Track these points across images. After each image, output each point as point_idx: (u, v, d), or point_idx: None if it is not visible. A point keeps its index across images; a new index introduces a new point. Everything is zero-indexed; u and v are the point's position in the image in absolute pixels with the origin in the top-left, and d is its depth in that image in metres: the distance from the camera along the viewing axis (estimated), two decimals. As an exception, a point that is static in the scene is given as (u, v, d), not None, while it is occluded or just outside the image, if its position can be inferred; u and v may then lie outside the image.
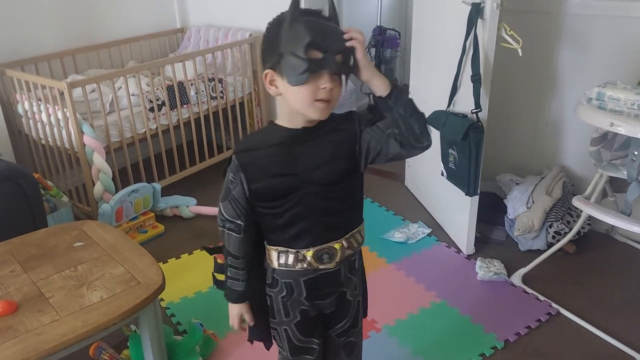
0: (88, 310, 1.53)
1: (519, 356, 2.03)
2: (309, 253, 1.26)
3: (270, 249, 1.31)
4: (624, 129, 1.91)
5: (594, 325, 2.14)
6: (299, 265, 1.28)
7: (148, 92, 3.03)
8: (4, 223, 2.13)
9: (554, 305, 2.26)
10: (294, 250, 1.27)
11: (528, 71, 2.88)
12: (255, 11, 3.53)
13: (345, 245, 1.29)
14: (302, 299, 1.32)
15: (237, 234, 1.28)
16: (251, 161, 1.22)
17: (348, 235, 1.30)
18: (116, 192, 2.81)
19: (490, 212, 2.77)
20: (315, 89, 1.13)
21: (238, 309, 1.38)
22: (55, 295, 1.60)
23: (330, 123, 1.22)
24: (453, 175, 2.48)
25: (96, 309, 1.53)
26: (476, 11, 2.21)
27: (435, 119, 2.45)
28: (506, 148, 3.08)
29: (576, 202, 2.23)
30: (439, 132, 2.44)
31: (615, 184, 2.40)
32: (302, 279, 1.30)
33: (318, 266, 1.28)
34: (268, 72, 1.18)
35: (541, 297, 2.31)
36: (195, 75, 3.24)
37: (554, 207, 2.59)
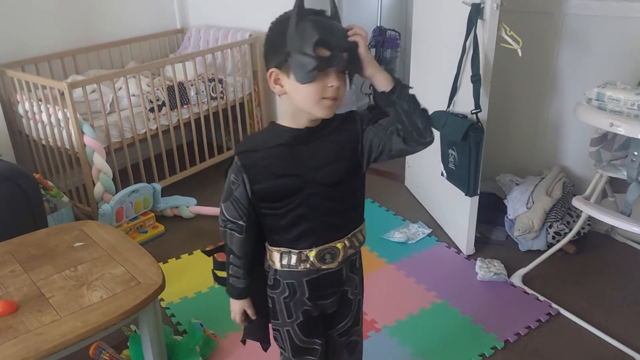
0: (88, 310, 1.53)
1: (519, 356, 2.03)
2: (311, 253, 1.26)
3: (272, 250, 1.30)
4: (623, 129, 1.91)
5: (594, 326, 2.14)
6: (301, 265, 1.28)
7: (148, 93, 3.04)
8: (4, 223, 2.13)
9: (554, 305, 2.26)
10: (296, 250, 1.27)
11: (528, 71, 2.88)
12: (255, 12, 3.53)
13: (347, 244, 1.29)
14: (305, 299, 1.32)
15: (239, 234, 1.28)
16: (254, 162, 1.21)
17: (350, 235, 1.30)
18: (116, 193, 2.81)
19: (490, 213, 2.77)
20: (323, 87, 1.13)
21: (239, 305, 1.38)
22: (55, 295, 1.60)
23: (332, 123, 1.22)
24: (453, 175, 2.48)
25: (96, 309, 1.53)
26: (476, 11, 2.22)
27: (435, 120, 2.45)
28: (506, 148, 3.08)
29: (576, 203, 2.23)
30: (439, 133, 2.44)
31: (615, 185, 2.40)
32: (305, 279, 1.30)
33: (321, 266, 1.28)
34: (273, 71, 1.17)
35: (541, 298, 2.31)
36: (196, 75, 3.24)
37: (554, 208, 2.59)
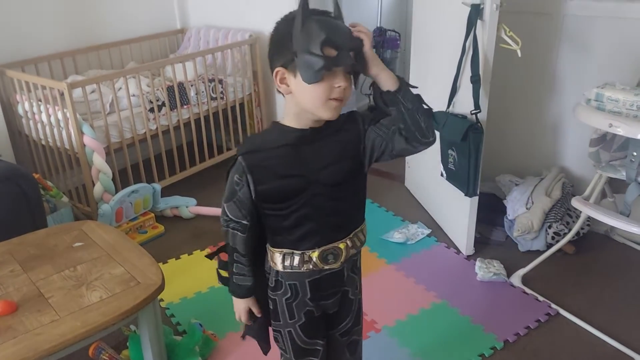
0: (87, 310, 1.53)
1: (519, 356, 2.03)
2: (314, 254, 1.26)
3: (274, 251, 1.29)
4: (622, 129, 1.91)
5: (593, 326, 2.14)
6: (304, 266, 1.27)
7: (148, 93, 3.04)
8: (4, 223, 2.14)
9: (553, 305, 2.26)
10: (299, 251, 1.26)
11: (527, 72, 2.88)
12: (255, 12, 3.53)
13: (349, 245, 1.29)
14: (307, 299, 1.32)
15: (242, 233, 1.27)
16: (258, 162, 1.20)
17: (352, 235, 1.30)
18: (116, 193, 2.81)
19: (489, 213, 2.77)
20: (329, 87, 1.12)
21: (245, 304, 1.37)
22: (54, 295, 1.60)
23: (334, 123, 1.22)
24: (453, 176, 2.48)
25: (95, 309, 1.54)
26: (476, 12, 2.22)
27: (435, 120, 2.45)
28: (505, 149, 3.08)
29: (575, 203, 2.24)
30: (438, 133, 2.44)
31: (615, 185, 2.41)
32: (307, 280, 1.30)
33: (323, 267, 1.28)
34: (279, 70, 1.16)
35: (540, 298, 2.31)
36: (196, 76, 3.24)
37: (554, 208, 2.59)
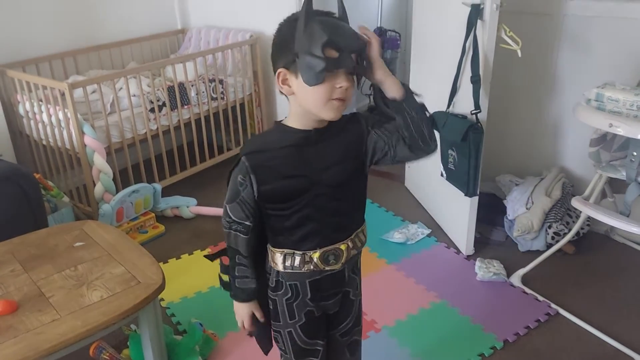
0: (88, 309, 1.54)
1: (518, 356, 2.03)
2: (315, 255, 1.26)
3: (275, 251, 1.29)
4: (622, 129, 1.91)
5: (593, 326, 2.14)
6: (305, 267, 1.27)
7: (149, 93, 3.04)
8: (5, 223, 2.14)
9: (553, 305, 2.26)
10: (300, 252, 1.26)
11: (528, 72, 2.88)
12: (256, 13, 3.54)
13: (350, 246, 1.29)
14: (307, 300, 1.32)
15: (245, 235, 1.27)
16: (262, 163, 1.20)
17: (353, 236, 1.30)
18: (117, 193, 2.82)
19: (489, 213, 2.77)
20: (331, 88, 1.12)
21: (248, 309, 1.36)
22: (55, 294, 1.60)
23: (337, 124, 1.22)
24: (453, 176, 2.48)
25: (96, 309, 1.54)
26: (476, 12, 2.22)
27: (435, 120, 2.45)
28: (506, 149, 3.09)
29: (575, 203, 2.24)
30: (438, 133, 2.44)
31: (615, 185, 2.41)
32: (307, 280, 1.30)
33: (324, 267, 1.27)
34: (281, 71, 1.16)
35: (540, 298, 2.31)
36: (196, 76, 3.25)
37: (554, 208, 2.59)
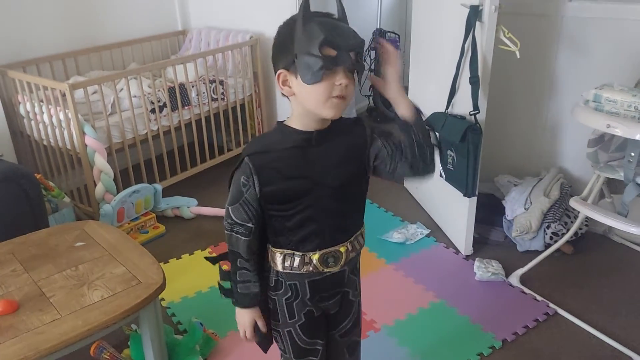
0: (89, 309, 1.55)
1: (517, 356, 2.04)
2: (315, 256, 1.26)
3: (274, 251, 1.30)
4: (620, 130, 1.92)
5: (591, 326, 2.15)
6: (304, 268, 1.28)
7: (149, 94, 3.05)
8: (6, 223, 2.15)
9: (552, 305, 2.27)
10: (300, 253, 1.27)
11: (526, 73, 2.89)
12: (256, 14, 3.55)
13: (349, 248, 1.30)
14: (306, 300, 1.33)
15: (247, 237, 1.26)
16: (265, 163, 1.20)
17: (352, 239, 1.31)
18: (117, 193, 2.83)
19: (488, 213, 2.78)
20: (330, 86, 1.12)
21: (250, 316, 1.34)
22: (56, 294, 1.61)
23: (340, 125, 1.24)
24: (451, 176, 2.49)
25: (97, 308, 1.55)
26: (474, 14, 2.23)
27: (434, 121, 2.47)
28: (504, 149, 3.09)
29: (573, 203, 2.25)
30: (437, 134, 2.45)
31: (613, 185, 2.42)
32: (307, 280, 1.30)
33: (323, 269, 1.28)
34: (281, 73, 1.17)
35: (539, 298, 2.32)
36: (197, 77, 3.26)
37: (552, 208, 2.60)
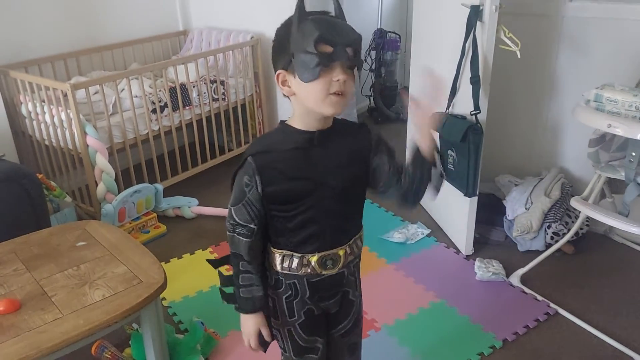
0: (90, 308, 1.55)
1: (518, 355, 2.04)
2: (313, 258, 1.27)
3: (274, 251, 1.30)
4: (621, 130, 1.92)
5: (592, 326, 2.15)
6: (302, 270, 1.28)
7: (150, 94, 3.06)
8: (8, 223, 2.16)
9: (552, 305, 2.27)
10: (299, 254, 1.27)
11: (527, 73, 2.89)
12: (257, 14, 3.55)
13: (348, 251, 1.30)
14: (306, 298, 1.33)
15: (249, 238, 1.25)
16: (268, 164, 1.19)
17: (351, 242, 1.31)
18: (119, 193, 2.83)
19: (489, 213, 2.78)
20: (328, 82, 1.12)
21: (254, 323, 1.32)
22: (57, 293, 1.62)
23: (343, 128, 1.24)
24: (452, 176, 2.49)
25: (98, 308, 1.55)
26: (475, 14, 2.23)
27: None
28: (505, 149, 3.09)
29: (574, 203, 2.25)
30: (438, 134, 2.45)
31: (613, 185, 2.41)
32: (306, 280, 1.30)
33: (321, 271, 1.29)
34: (280, 73, 1.18)
35: (539, 297, 2.32)
36: (198, 77, 3.26)
37: (553, 208, 2.60)
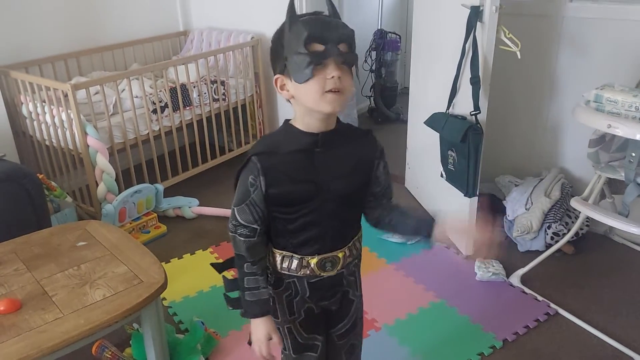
0: (91, 308, 1.55)
1: (518, 356, 2.04)
2: (313, 260, 1.27)
3: (274, 252, 1.30)
4: (621, 130, 1.93)
5: (592, 326, 2.15)
6: (302, 271, 1.29)
7: (151, 94, 3.06)
8: (8, 223, 2.16)
9: (552, 305, 2.27)
10: (298, 256, 1.27)
11: (527, 74, 2.89)
12: (257, 14, 3.55)
13: (347, 254, 1.31)
14: (306, 297, 1.34)
15: (251, 239, 1.25)
16: (272, 165, 1.19)
17: (350, 244, 1.31)
18: (119, 193, 2.83)
19: (489, 214, 2.78)
20: (323, 80, 1.11)
21: (264, 328, 1.28)
22: (58, 293, 1.62)
23: (348, 132, 1.24)
24: (452, 176, 2.49)
25: (99, 307, 1.56)
26: (475, 14, 2.23)
27: (434, 121, 2.47)
28: (505, 150, 3.10)
29: (574, 204, 2.25)
30: (438, 134, 2.46)
31: (613, 186, 2.42)
32: (306, 280, 1.31)
33: (320, 273, 1.29)
34: (278, 78, 1.18)
35: (539, 298, 2.33)
36: (198, 77, 3.26)
37: (553, 209, 2.60)
